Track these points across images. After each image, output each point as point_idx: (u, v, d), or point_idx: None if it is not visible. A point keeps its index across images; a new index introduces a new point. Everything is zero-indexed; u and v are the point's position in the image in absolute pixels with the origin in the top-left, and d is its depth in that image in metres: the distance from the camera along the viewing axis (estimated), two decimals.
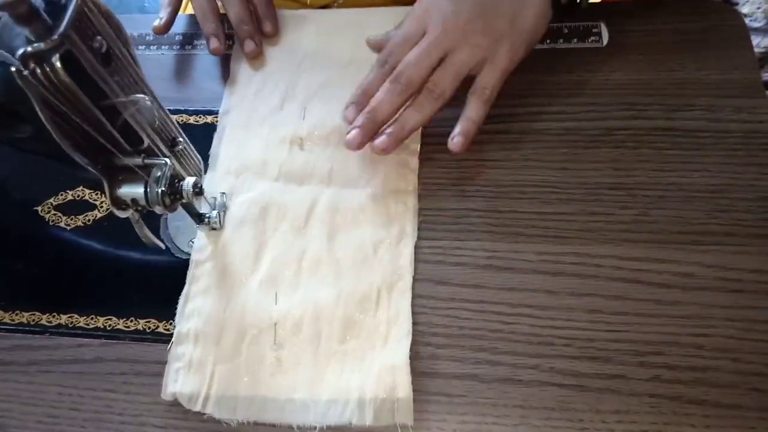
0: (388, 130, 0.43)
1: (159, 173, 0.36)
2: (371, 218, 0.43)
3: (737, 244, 0.41)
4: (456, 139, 0.42)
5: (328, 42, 0.51)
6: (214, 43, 0.50)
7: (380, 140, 0.42)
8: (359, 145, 0.42)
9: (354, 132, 0.42)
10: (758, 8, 1.08)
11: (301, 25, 0.52)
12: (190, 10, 0.59)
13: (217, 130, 0.48)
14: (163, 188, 0.36)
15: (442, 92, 0.42)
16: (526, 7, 0.43)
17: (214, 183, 0.45)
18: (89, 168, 0.34)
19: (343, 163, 0.45)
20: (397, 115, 0.44)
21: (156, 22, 0.51)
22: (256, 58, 0.51)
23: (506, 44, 0.43)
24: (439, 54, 0.43)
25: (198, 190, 0.38)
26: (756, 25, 1.07)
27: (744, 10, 1.07)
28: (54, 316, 0.42)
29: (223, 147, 0.47)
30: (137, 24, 0.55)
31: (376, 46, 0.49)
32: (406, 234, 0.42)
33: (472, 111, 0.43)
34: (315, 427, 0.37)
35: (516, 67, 0.44)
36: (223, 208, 0.44)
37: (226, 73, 0.51)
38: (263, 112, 0.48)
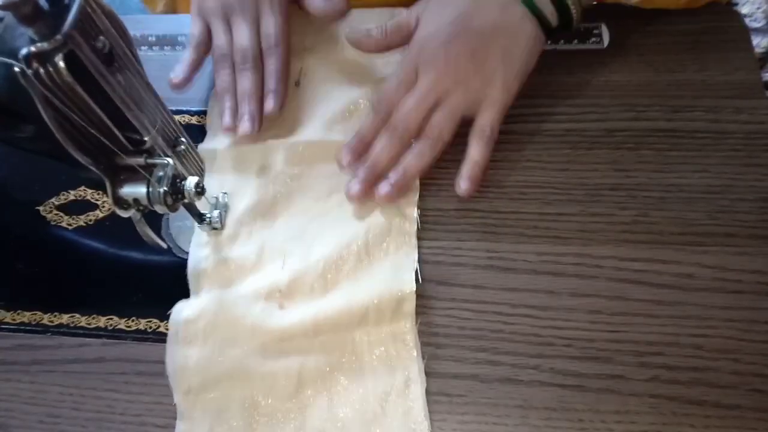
0: (391, 179, 0.42)
1: (161, 173, 0.36)
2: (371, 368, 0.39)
3: (737, 245, 0.41)
4: (463, 185, 0.42)
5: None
6: (228, 121, 0.47)
7: (384, 189, 0.42)
8: (361, 198, 0.42)
9: (357, 185, 0.42)
10: (758, 8, 1.08)
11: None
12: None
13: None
14: (165, 188, 0.36)
15: (440, 136, 0.42)
16: (518, 39, 0.43)
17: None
18: (91, 168, 0.34)
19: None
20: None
21: (174, 76, 0.48)
22: (249, 136, 0.46)
23: (500, 81, 0.43)
24: (433, 99, 0.43)
25: (200, 190, 0.38)
26: (756, 25, 1.07)
27: (744, 10, 1.08)
28: (56, 316, 0.42)
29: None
30: (140, 24, 0.55)
31: (355, 42, 0.48)
32: (412, 380, 0.38)
33: (475, 152, 0.42)
34: None
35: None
36: (225, 208, 0.44)
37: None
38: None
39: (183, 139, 0.39)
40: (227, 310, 0.40)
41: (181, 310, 0.40)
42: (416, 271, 0.41)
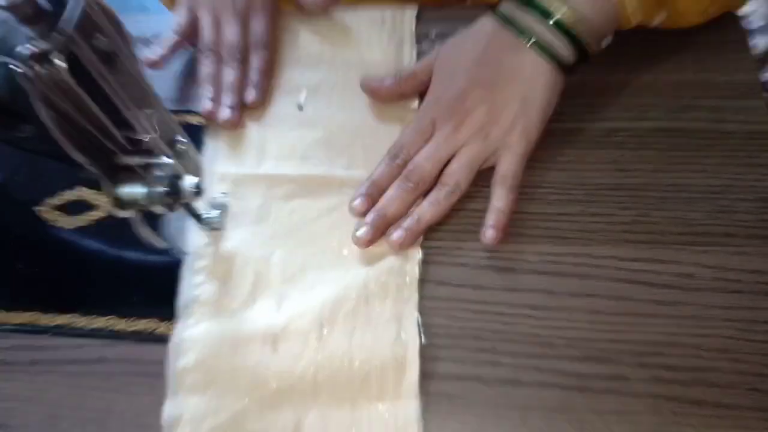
0: (405, 225, 0.42)
1: (160, 173, 0.36)
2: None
3: (737, 245, 0.41)
4: (489, 233, 0.41)
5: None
6: (207, 105, 0.48)
7: (397, 235, 0.41)
8: (369, 243, 0.41)
9: (364, 229, 0.41)
10: (758, 9, 1.08)
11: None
12: None
13: None
14: (164, 188, 0.36)
15: (457, 185, 0.42)
16: (534, 84, 0.42)
17: None
18: (90, 168, 0.34)
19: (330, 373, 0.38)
20: (412, 209, 0.43)
21: (150, 55, 0.50)
22: (232, 129, 0.48)
23: (519, 128, 0.42)
24: (451, 150, 0.43)
25: (198, 191, 0.38)
26: (756, 25, 1.07)
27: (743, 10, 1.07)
28: (55, 317, 0.42)
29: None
30: (139, 24, 0.54)
31: (369, 90, 0.47)
32: None
33: (499, 201, 0.42)
34: None
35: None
36: (224, 208, 0.44)
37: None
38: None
39: (182, 139, 0.39)
40: (223, 359, 0.38)
41: (176, 359, 0.39)
42: (419, 327, 0.39)
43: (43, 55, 0.29)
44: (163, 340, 0.40)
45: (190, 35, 0.51)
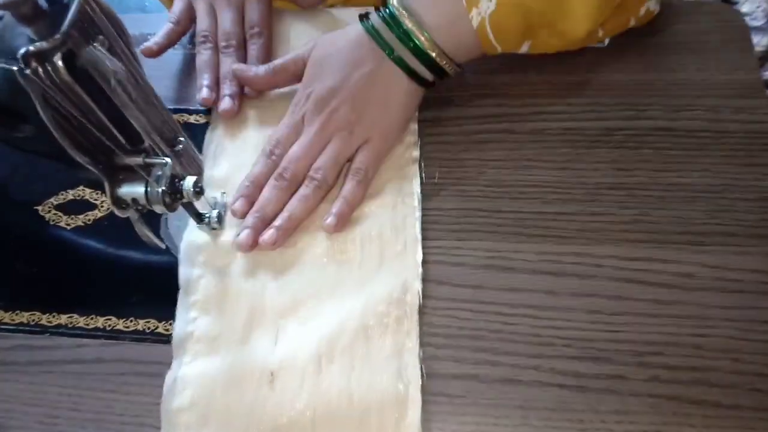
0: (277, 223, 0.42)
1: (159, 173, 0.36)
2: None
3: (738, 244, 0.41)
4: (329, 220, 0.42)
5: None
6: (205, 93, 0.49)
7: (269, 234, 0.42)
8: (251, 247, 0.42)
9: (245, 233, 0.42)
10: (758, 7, 1.08)
11: None
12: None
13: None
14: (164, 188, 0.36)
15: (324, 179, 0.44)
16: (395, 89, 0.45)
17: None
18: (90, 167, 0.34)
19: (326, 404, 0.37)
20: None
21: (147, 44, 0.50)
22: (231, 118, 0.48)
23: (378, 128, 0.45)
24: (320, 146, 0.44)
25: (198, 190, 0.38)
26: (756, 23, 1.07)
27: (744, 9, 1.07)
28: (54, 316, 0.42)
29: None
30: (138, 23, 0.55)
31: (242, 79, 0.49)
32: None
33: (347, 191, 0.44)
34: None
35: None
36: (224, 208, 0.44)
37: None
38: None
39: (182, 139, 0.39)
40: (219, 397, 0.37)
41: (171, 399, 0.38)
42: (420, 365, 0.38)
43: (43, 55, 0.29)
44: (162, 340, 0.40)
45: (186, 24, 0.52)
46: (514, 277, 0.41)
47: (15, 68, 0.29)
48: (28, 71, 0.29)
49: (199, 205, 0.42)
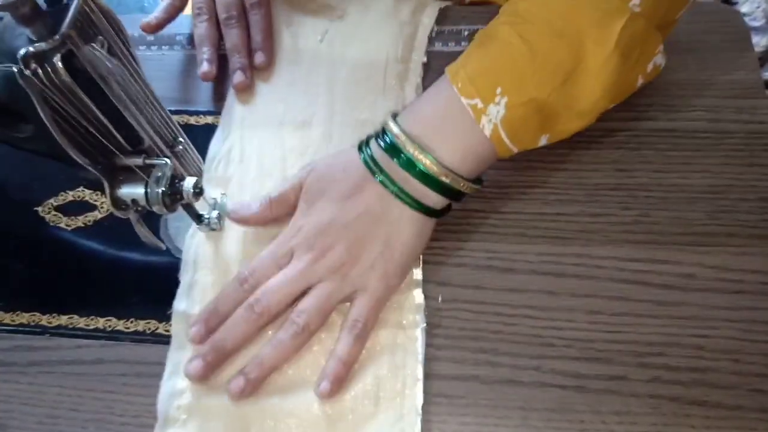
0: (246, 370, 0.37)
1: (159, 173, 0.36)
2: None
3: (738, 245, 0.41)
4: (323, 385, 0.36)
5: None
6: (206, 66, 0.49)
7: (236, 384, 0.37)
8: (202, 378, 0.37)
9: (196, 363, 0.37)
10: (758, 7, 1.08)
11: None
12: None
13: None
14: (164, 188, 0.36)
15: (306, 325, 0.38)
16: (401, 228, 0.40)
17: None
18: (89, 168, 0.34)
19: None
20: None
21: (146, 20, 0.51)
22: (245, 90, 0.49)
23: (379, 272, 0.39)
24: (304, 284, 0.39)
25: (198, 191, 0.38)
26: (755, 24, 1.07)
27: (743, 9, 1.07)
28: (54, 317, 0.42)
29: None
30: (137, 24, 0.54)
31: (238, 220, 0.43)
32: None
33: (343, 349, 0.38)
34: None
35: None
36: (223, 209, 0.44)
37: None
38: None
39: (181, 140, 0.39)
40: None
41: None
42: None
43: (42, 55, 0.29)
44: (162, 341, 0.40)
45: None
46: (514, 277, 0.41)
47: (15, 69, 0.29)
48: (27, 72, 0.29)
49: (199, 206, 0.42)
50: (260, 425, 0.37)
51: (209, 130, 0.48)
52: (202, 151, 0.46)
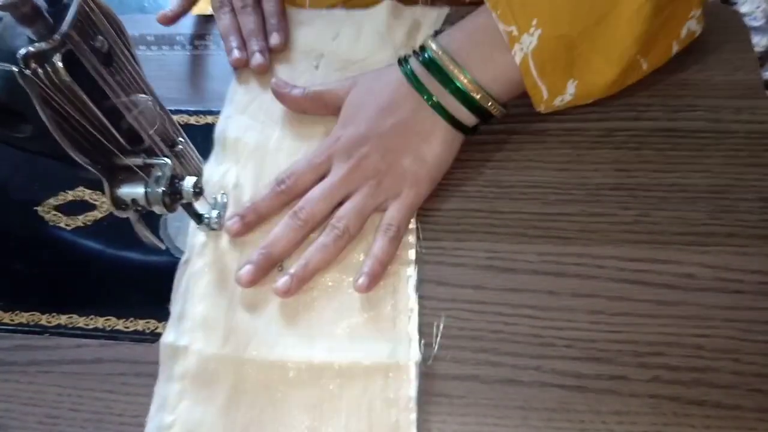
0: (293, 270, 0.40)
1: (159, 173, 0.36)
2: None
3: (739, 245, 0.41)
4: (361, 280, 0.39)
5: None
6: (236, 54, 0.51)
7: (283, 282, 0.39)
8: (251, 283, 0.40)
9: (248, 268, 0.40)
10: (757, 7, 1.08)
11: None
12: (194, 11, 0.59)
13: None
14: (163, 188, 0.36)
15: (346, 229, 0.41)
16: (429, 141, 0.43)
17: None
18: (89, 168, 0.34)
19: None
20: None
21: (163, 12, 0.53)
22: (263, 73, 0.50)
23: (410, 180, 0.42)
24: (343, 192, 0.42)
25: (198, 191, 0.38)
26: (755, 24, 1.07)
27: (743, 9, 1.07)
28: (54, 317, 0.42)
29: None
30: (138, 24, 0.54)
31: (277, 93, 0.48)
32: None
33: (378, 248, 0.41)
34: None
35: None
36: (223, 209, 0.44)
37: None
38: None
39: (181, 139, 0.39)
40: None
41: None
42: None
43: (42, 55, 0.29)
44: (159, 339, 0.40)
45: None
46: (514, 277, 0.41)
47: (15, 69, 0.29)
48: (27, 72, 0.29)
49: (199, 206, 0.42)
50: None
51: (209, 130, 0.48)
52: (202, 151, 0.46)
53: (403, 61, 0.44)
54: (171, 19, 0.54)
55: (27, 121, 0.33)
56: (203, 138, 0.48)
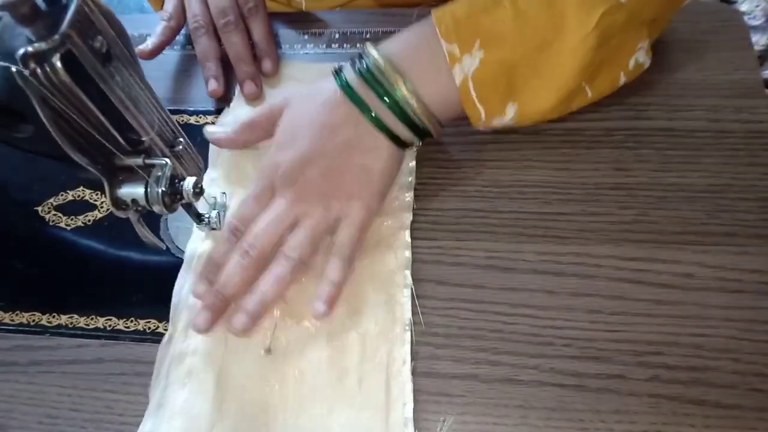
0: (249, 307, 0.38)
1: (159, 173, 0.36)
2: None
3: (738, 244, 0.41)
4: (318, 307, 0.38)
5: None
6: (213, 84, 0.49)
7: (240, 321, 0.38)
8: (208, 329, 0.38)
9: (203, 315, 0.38)
10: (757, 6, 1.08)
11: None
12: None
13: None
14: (163, 188, 0.36)
15: (299, 257, 0.39)
16: (373, 157, 0.41)
17: None
18: (89, 168, 0.34)
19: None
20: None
21: (143, 46, 0.50)
22: (257, 99, 0.49)
23: (357, 199, 0.41)
24: (290, 220, 0.40)
25: (198, 191, 0.38)
26: (755, 23, 1.07)
27: (743, 8, 1.07)
28: (54, 317, 0.42)
29: None
30: (137, 24, 0.54)
31: (211, 139, 0.46)
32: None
33: (333, 272, 0.39)
34: None
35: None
36: (223, 209, 0.44)
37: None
38: None
39: (181, 140, 0.39)
40: None
41: None
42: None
43: (42, 55, 0.29)
44: (161, 340, 0.40)
45: (180, 19, 0.51)
46: (513, 276, 0.41)
47: (14, 69, 0.29)
48: (26, 72, 0.29)
49: (199, 206, 0.42)
50: None
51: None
52: (202, 151, 0.46)
53: (337, 72, 0.42)
54: (151, 53, 0.50)
55: (27, 121, 0.34)
56: (203, 138, 0.48)
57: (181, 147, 0.39)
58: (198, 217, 0.42)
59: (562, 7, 0.39)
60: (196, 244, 0.43)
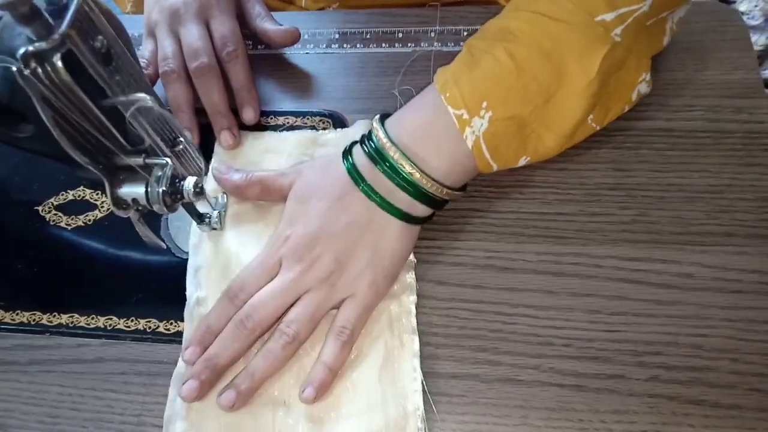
0: (237, 382, 0.37)
1: (160, 173, 0.36)
2: None
3: (737, 244, 0.41)
4: (308, 391, 0.37)
5: None
6: (188, 136, 0.46)
7: (227, 398, 0.37)
8: (196, 399, 0.37)
9: (190, 384, 0.37)
10: (756, 6, 1.08)
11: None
12: None
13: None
14: (164, 188, 0.36)
15: (296, 335, 0.38)
16: (384, 236, 0.40)
17: None
18: (90, 168, 0.34)
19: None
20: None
21: None
22: (235, 148, 0.47)
23: (368, 279, 0.39)
24: (294, 295, 0.39)
25: (199, 190, 0.38)
26: (754, 23, 1.07)
27: (742, 8, 1.07)
28: (54, 316, 0.42)
29: None
30: (137, 24, 0.54)
31: (217, 178, 0.44)
32: None
33: (329, 355, 0.38)
34: None
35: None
36: (224, 208, 0.44)
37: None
38: None
39: (182, 139, 0.39)
40: None
41: None
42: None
43: (42, 55, 0.29)
44: (163, 339, 0.40)
45: (156, 65, 0.47)
46: (513, 276, 0.41)
47: (14, 68, 0.29)
48: (27, 71, 0.29)
49: (200, 206, 0.42)
50: None
51: (209, 130, 0.48)
52: (202, 150, 0.46)
53: (347, 154, 0.41)
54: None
55: (27, 120, 0.34)
56: (203, 138, 0.48)
57: (181, 147, 0.39)
58: (199, 217, 0.42)
59: (561, 56, 0.39)
60: (198, 240, 0.43)
